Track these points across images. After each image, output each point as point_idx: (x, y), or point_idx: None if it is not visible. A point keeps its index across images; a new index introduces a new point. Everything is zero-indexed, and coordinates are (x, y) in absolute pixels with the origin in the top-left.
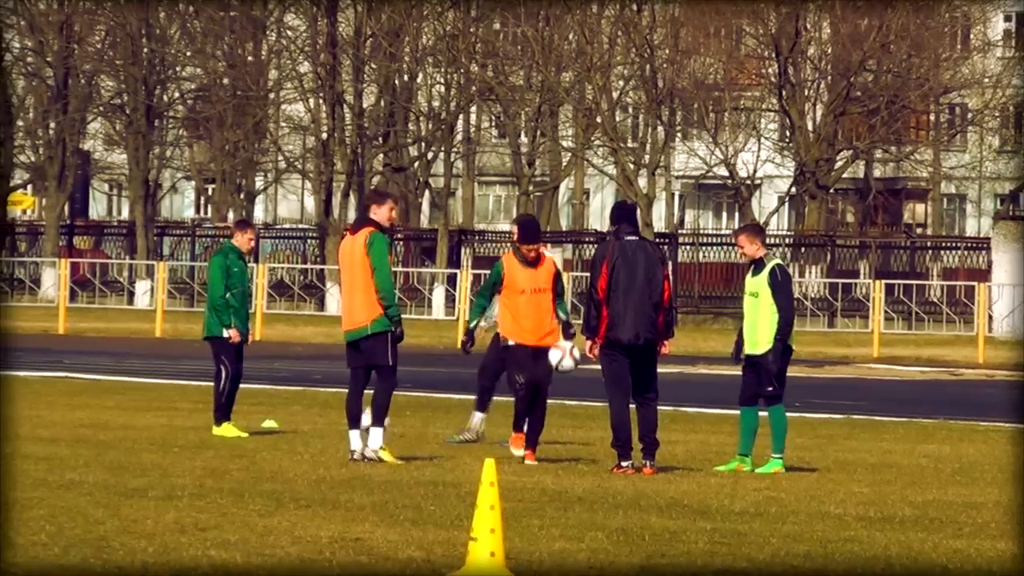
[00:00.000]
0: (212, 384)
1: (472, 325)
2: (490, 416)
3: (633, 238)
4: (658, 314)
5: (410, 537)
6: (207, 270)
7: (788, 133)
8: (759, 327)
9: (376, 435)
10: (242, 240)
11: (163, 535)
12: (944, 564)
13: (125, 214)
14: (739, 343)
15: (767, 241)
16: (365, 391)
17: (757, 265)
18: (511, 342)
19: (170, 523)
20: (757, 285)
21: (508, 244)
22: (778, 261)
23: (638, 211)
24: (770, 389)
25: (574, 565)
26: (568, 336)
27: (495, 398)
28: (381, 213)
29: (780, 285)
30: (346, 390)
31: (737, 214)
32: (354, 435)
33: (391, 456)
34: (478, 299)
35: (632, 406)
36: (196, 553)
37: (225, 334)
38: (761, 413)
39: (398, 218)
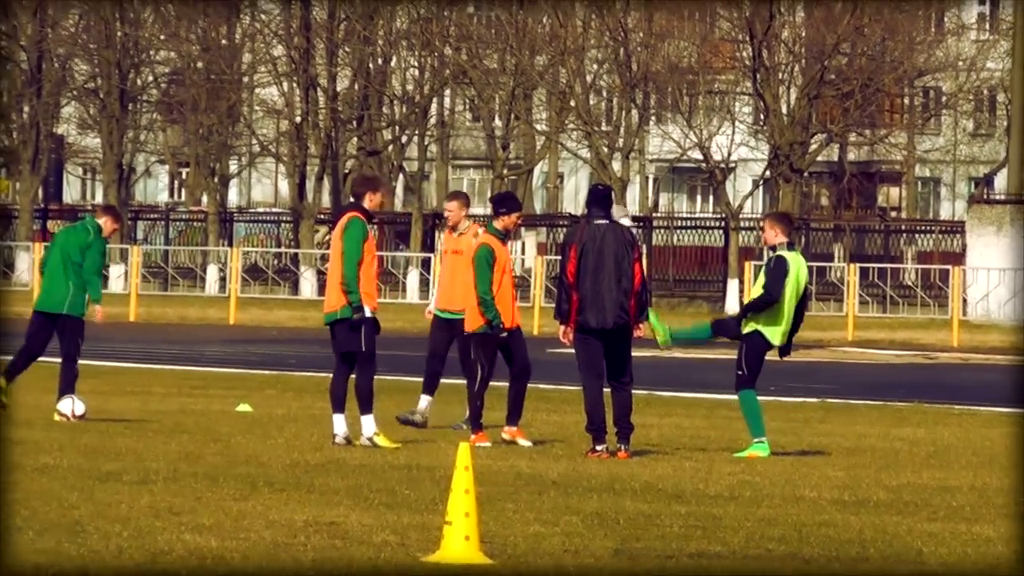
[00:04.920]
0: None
1: (499, 321)
2: (437, 399)
3: (603, 222)
4: (629, 298)
5: (384, 521)
6: (91, 249)
7: (762, 116)
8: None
9: (368, 422)
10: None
11: (137, 519)
12: (919, 547)
13: (99, 198)
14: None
15: (738, 224)
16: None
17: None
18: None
19: (144, 507)
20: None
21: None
22: (780, 253)
23: (612, 195)
24: (739, 373)
25: (548, 549)
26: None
27: (443, 380)
28: (376, 199)
29: (770, 271)
30: (320, 374)
31: (711, 197)
32: (338, 419)
33: (386, 441)
34: (488, 293)
35: (607, 390)
36: (170, 537)
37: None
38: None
39: (382, 204)
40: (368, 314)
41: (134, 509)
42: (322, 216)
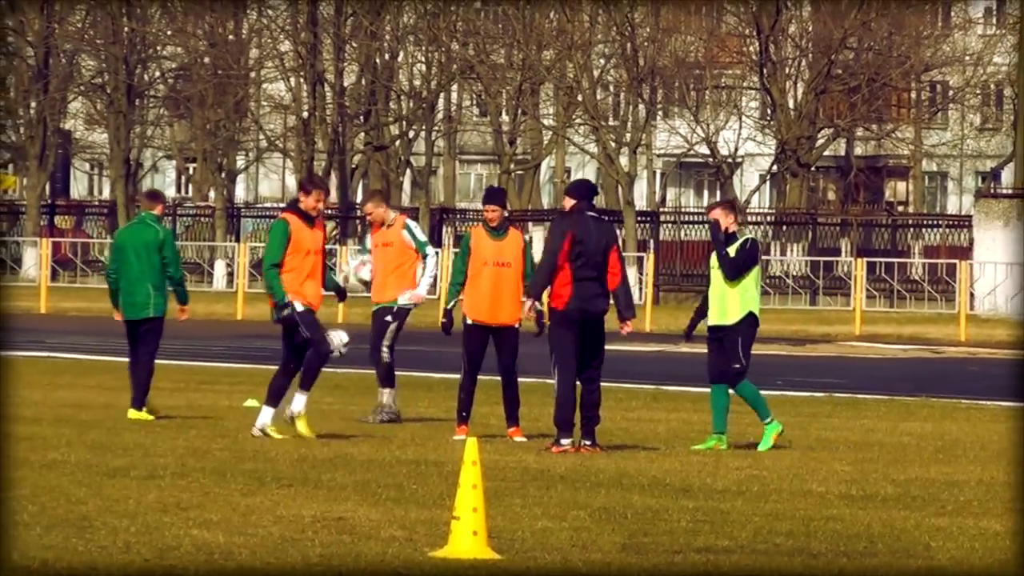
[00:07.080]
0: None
1: (450, 306)
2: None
3: (592, 215)
4: (607, 287)
5: (392, 516)
6: (166, 246)
7: (769, 111)
8: (728, 298)
9: (266, 413)
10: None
11: (145, 514)
12: (927, 542)
13: (106, 193)
14: (694, 320)
15: (745, 219)
16: (320, 368)
17: (729, 239)
18: (468, 320)
19: (152, 502)
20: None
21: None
22: (751, 236)
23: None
24: (736, 367)
25: (556, 544)
26: (540, 327)
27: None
28: (308, 202)
29: (746, 252)
30: (326, 370)
31: (718, 192)
32: (299, 398)
33: (276, 432)
34: (453, 277)
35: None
36: (178, 532)
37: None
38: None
39: (323, 208)
40: (300, 309)
41: (142, 504)
42: (329, 211)
